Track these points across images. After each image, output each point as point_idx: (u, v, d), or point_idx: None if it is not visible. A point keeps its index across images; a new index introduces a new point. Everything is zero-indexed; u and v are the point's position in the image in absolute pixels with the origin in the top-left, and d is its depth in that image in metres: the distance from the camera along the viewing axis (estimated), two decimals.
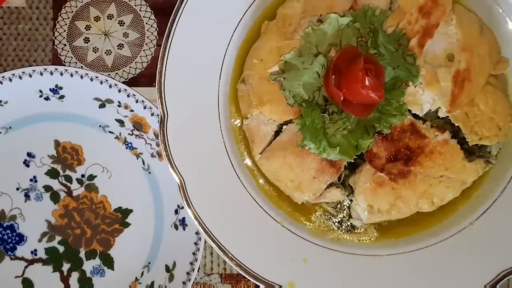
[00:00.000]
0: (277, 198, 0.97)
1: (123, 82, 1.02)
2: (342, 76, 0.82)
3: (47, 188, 1.04)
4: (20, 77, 0.98)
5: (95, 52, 1.06)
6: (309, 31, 0.85)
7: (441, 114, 0.88)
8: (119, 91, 0.99)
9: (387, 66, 0.84)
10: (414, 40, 0.86)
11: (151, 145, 1.02)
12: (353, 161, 0.87)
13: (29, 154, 1.04)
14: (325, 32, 0.85)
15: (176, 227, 1.01)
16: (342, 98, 0.81)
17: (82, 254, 1.03)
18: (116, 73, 1.06)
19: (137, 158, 1.04)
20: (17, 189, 1.03)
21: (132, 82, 1.05)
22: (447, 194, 0.90)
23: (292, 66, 0.85)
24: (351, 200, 0.92)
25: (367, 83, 0.79)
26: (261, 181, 0.97)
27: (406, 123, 0.87)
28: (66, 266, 1.03)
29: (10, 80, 0.98)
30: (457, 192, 0.91)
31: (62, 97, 1.01)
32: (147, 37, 1.06)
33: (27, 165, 1.04)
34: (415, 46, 0.86)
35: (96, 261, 1.03)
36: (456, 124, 0.87)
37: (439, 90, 0.86)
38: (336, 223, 0.97)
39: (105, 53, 1.06)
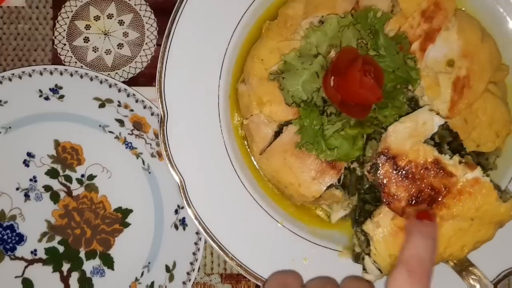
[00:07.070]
0: (279, 198, 0.97)
1: (123, 82, 1.02)
2: (341, 77, 0.81)
3: (47, 188, 1.04)
4: (20, 77, 0.98)
5: (95, 52, 1.06)
6: (309, 31, 0.85)
7: None
8: (119, 90, 0.98)
9: (387, 69, 0.83)
10: (416, 44, 0.86)
11: (151, 145, 1.02)
12: (351, 164, 0.86)
13: (29, 154, 1.04)
14: (325, 33, 0.85)
15: (176, 227, 1.01)
16: (339, 100, 0.81)
17: (82, 254, 1.03)
18: (116, 73, 1.06)
19: (137, 158, 1.04)
20: (17, 189, 1.03)
21: (132, 81, 1.05)
22: (478, 239, 0.80)
23: (292, 66, 0.85)
24: (363, 251, 0.84)
25: (364, 83, 0.78)
26: (261, 180, 0.97)
27: (429, 159, 0.77)
28: (66, 266, 1.03)
29: (10, 79, 0.98)
30: (490, 235, 0.81)
31: (61, 96, 1.01)
32: (147, 37, 1.06)
33: (27, 165, 1.04)
34: (417, 50, 0.86)
35: (96, 261, 1.03)
36: (454, 130, 0.86)
37: (439, 94, 0.85)
38: None
39: (105, 52, 1.06)
